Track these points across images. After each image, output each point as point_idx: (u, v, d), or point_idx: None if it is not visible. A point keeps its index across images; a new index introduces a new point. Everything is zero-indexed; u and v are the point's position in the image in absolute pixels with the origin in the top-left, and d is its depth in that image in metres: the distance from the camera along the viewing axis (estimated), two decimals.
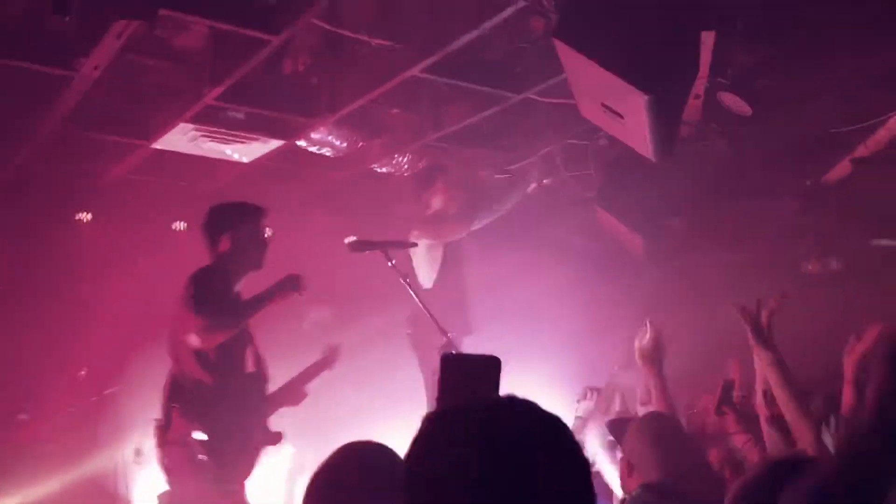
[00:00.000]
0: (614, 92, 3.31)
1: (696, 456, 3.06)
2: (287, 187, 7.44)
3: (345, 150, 6.04)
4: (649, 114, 3.22)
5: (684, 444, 2.99)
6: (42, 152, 6.02)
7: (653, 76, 3.06)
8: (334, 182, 7.05)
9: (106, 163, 6.41)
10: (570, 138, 6.01)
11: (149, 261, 7.09)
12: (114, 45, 4.07)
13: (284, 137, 5.72)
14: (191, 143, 5.66)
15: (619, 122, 3.62)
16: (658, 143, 3.64)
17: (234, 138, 5.63)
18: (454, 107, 5.60)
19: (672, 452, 2.84)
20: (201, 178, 7.05)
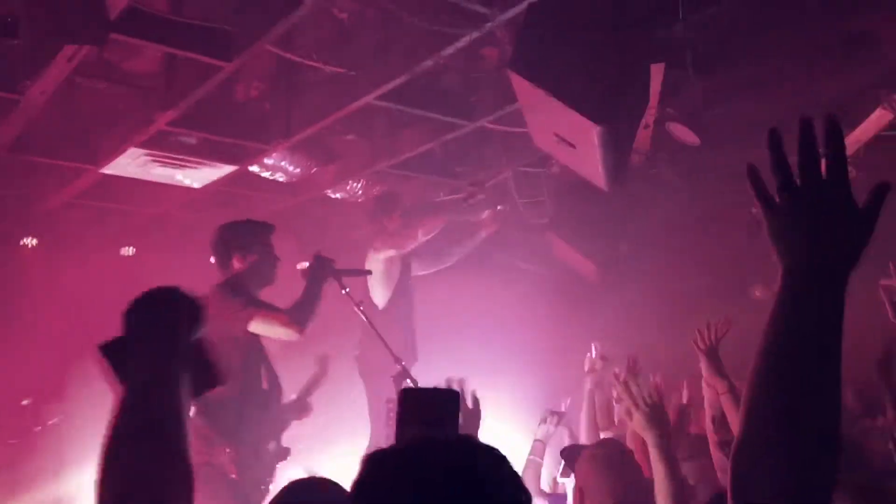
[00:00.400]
0: (567, 122, 3.35)
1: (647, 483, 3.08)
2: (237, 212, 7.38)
3: (298, 175, 6.01)
4: (601, 144, 3.27)
5: (635, 470, 3.01)
6: None
7: (605, 108, 3.11)
8: (286, 207, 7.00)
9: (52, 187, 6.28)
10: (523, 165, 6.07)
11: (95, 287, 6.96)
12: (64, 69, 4.00)
13: (237, 163, 5.67)
14: (140, 168, 5.57)
15: (572, 151, 3.67)
16: (609, 173, 3.69)
17: (186, 163, 5.56)
18: (409, 133, 5.61)
19: (623, 479, 2.86)
20: (149, 203, 6.94)
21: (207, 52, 4.04)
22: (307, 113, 5.13)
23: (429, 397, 1.65)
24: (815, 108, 4.71)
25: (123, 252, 7.48)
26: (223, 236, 4.34)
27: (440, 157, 6.14)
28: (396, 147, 5.68)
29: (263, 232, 4.36)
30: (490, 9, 3.69)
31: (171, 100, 4.65)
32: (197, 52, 4.05)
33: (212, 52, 4.05)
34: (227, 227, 4.38)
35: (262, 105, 5.40)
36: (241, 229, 4.36)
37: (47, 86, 4.21)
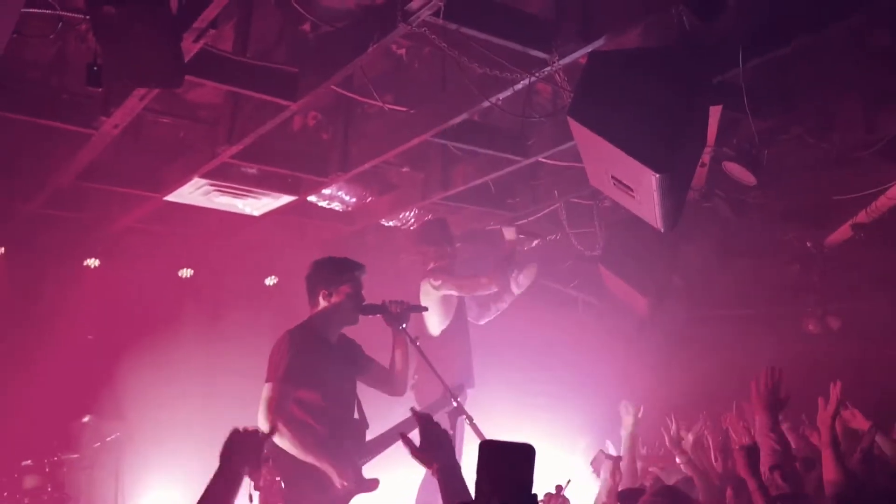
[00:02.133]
0: (624, 168, 3.40)
1: None
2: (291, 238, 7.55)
3: (354, 204, 6.14)
4: (659, 190, 3.31)
5: None
6: (55, 200, 6.11)
7: (664, 156, 3.15)
8: (341, 234, 7.14)
9: (117, 212, 6.50)
10: (574, 197, 6.11)
11: (153, 306, 7.16)
12: (136, 106, 4.18)
13: (296, 193, 5.81)
14: (203, 196, 5.75)
15: (629, 193, 3.71)
16: (666, 215, 3.72)
17: (247, 193, 5.72)
18: (462, 167, 5.70)
19: None
20: (208, 229, 7.14)
21: (273, 92, 4.17)
22: (364, 146, 5.25)
23: (506, 450, 1.70)
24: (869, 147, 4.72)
25: (181, 274, 7.67)
26: (313, 274, 4.40)
27: (492, 188, 6.21)
28: (450, 180, 5.77)
29: (353, 270, 4.41)
30: (549, 54, 3.76)
31: (235, 134, 4.80)
32: (264, 93, 4.18)
33: (277, 91, 4.18)
34: (318, 264, 4.43)
35: (320, 135, 5.53)
36: (331, 266, 4.40)
37: (120, 121, 4.40)
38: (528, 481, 1.70)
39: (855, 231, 5.77)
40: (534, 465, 1.70)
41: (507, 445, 1.72)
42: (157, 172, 5.80)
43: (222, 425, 5.86)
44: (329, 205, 6.09)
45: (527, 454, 1.70)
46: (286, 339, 4.17)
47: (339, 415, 4.29)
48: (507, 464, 1.69)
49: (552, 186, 6.03)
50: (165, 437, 6.78)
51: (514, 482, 1.67)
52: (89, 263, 7.24)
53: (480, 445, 1.72)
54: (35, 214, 6.38)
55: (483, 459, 1.69)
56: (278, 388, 3.99)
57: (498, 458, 1.69)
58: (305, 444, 3.97)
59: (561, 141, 4.80)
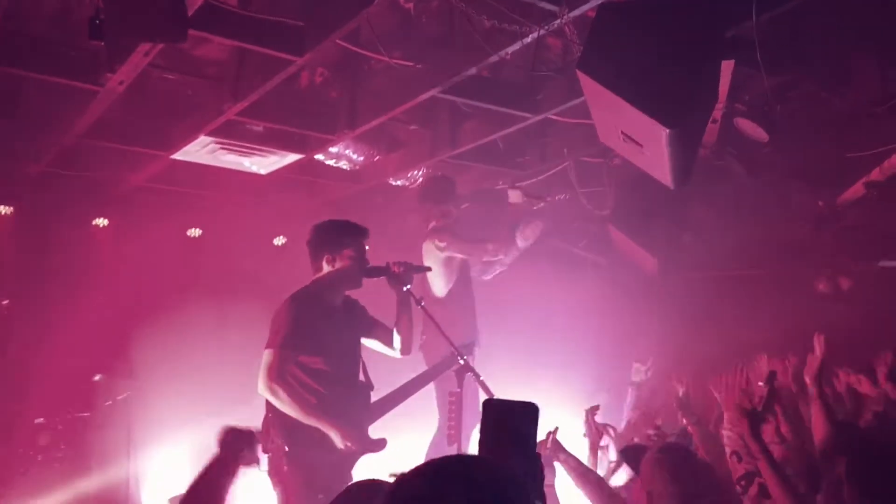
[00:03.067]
0: (635, 123, 3.35)
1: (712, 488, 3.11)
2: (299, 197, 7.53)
3: (361, 163, 6.10)
4: (670, 145, 3.26)
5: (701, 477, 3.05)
6: (63, 159, 6.10)
7: (675, 111, 3.10)
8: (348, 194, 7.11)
9: (125, 171, 6.48)
10: (584, 156, 6.06)
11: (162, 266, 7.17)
12: (140, 62, 4.13)
13: (303, 151, 5.77)
14: (210, 154, 5.72)
15: (638, 149, 3.66)
16: (676, 172, 3.68)
17: (254, 151, 5.69)
18: (471, 125, 5.64)
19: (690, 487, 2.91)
20: (215, 188, 7.13)
21: (279, 47, 4.12)
22: (371, 103, 5.19)
23: (509, 409, 1.70)
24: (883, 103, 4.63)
25: (190, 233, 7.67)
26: (316, 237, 4.39)
27: (500, 146, 6.15)
28: (458, 138, 5.71)
29: (356, 234, 4.38)
30: (558, 6, 3.69)
31: (241, 91, 4.75)
32: (269, 47, 4.13)
33: (283, 46, 4.12)
34: (320, 228, 4.41)
35: (328, 92, 5.47)
36: (333, 231, 4.38)
37: (125, 77, 4.36)
38: (533, 439, 1.69)
39: (868, 189, 5.69)
40: (537, 424, 1.70)
41: (511, 404, 1.72)
42: (164, 130, 5.77)
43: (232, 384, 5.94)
44: (336, 163, 6.05)
45: (531, 412, 1.70)
46: (287, 305, 4.18)
47: (343, 377, 4.30)
48: (512, 422, 1.68)
49: (562, 144, 5.97)
50: (176, 395, 6.83)
51: (519, 440, 1.67)
52: (98, 223, 7.24)
53: (484, 404, 1.71)
54: (42, 174, 6.37)
55: (487, 418, 1.68)
56: (278, 353, 4.00)
57: (502, 417, 1.69)
58: (306, 407, 4.00)
59: (571, 97, 4.74)
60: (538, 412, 1.68)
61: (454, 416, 3.91)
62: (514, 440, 1.66)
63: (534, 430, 1.68)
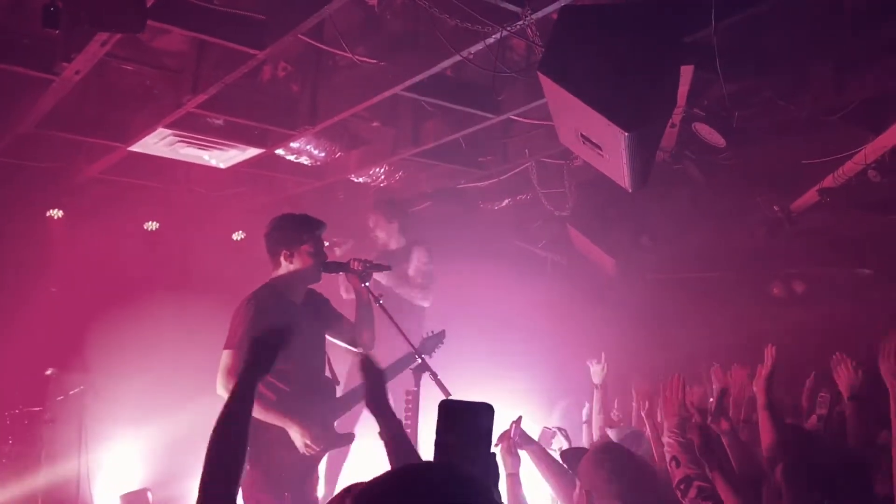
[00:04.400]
0: (594, 125, 3.38)
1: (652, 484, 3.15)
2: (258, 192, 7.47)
3: (323, 159, 6.07)
4: (628, 149, 3.30)
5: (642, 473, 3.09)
6: (17, 149, 5.97)
7: (633, 114, 3.13)
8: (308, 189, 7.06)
9: (81, 162, 6.37)
10: (545, 157, 6.10)
11: (118, 259, 7.07)
12: (97, 52, 4.05)
13: (263, 146, 5.72)
14: (168, 147, 5.64)
15: (597, 152, 3.70)
16: (634, 175, 3.72)
17: (213, 145, 5.62)
18: (433, 123, 5.64)
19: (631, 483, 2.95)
20: (173, 181, 7.04)
21: (240, 40, 4.08)
22: (333, 99, 5.16)
23: (466, 409, 1.71)
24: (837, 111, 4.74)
25: (147, 227, 7.56)
26: (272, 233, 4.32)
27: (463, 146, 6.16)
28: (420, 136, 5.71)
29: (313, 228, 4.32)
30: (521, 7, 3.70)
31: (200, 84, 4.69)
32: (230, 40, 4.08)
33: (244, 39, 4.08)
34: (277, 222, 4.33)
35: (289, 87, 5.43)
36: (290, 225, 4.31)
37: (81, 67, 4.28)
38: (488, 439, 1.71)
39: (822, 196, 5.82)
40: (493, 424, 1.71)
41: (466, 404, 1.73)
42: (121, 122, 5.66)
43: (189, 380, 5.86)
44: (297, 159, 6.01)
45: (485, 412, 1.71)
46: (245, 305, 4.13)
47: (306, 374, 4.26)
48: (467, 422, 1.69)
49: (523, 145, 6.00)
50: (131, 391, 6.74)
51: (475, 440, 1.68)
52: (53, 214, 7.10)
53: (440, 405, 1.72)
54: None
55: (442, 418, 1.69)
56: (236, 354, 3.94)
57: (457, 417, 1.70)
58: (266, 405, 3.94)
59: (533, 98, 4.76)
60: (493, 412, 1.69)
61: (410, 416, 3.91)
62: (470, 440, 1.67)
63: (489, 430, 1.70)
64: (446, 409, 1.71)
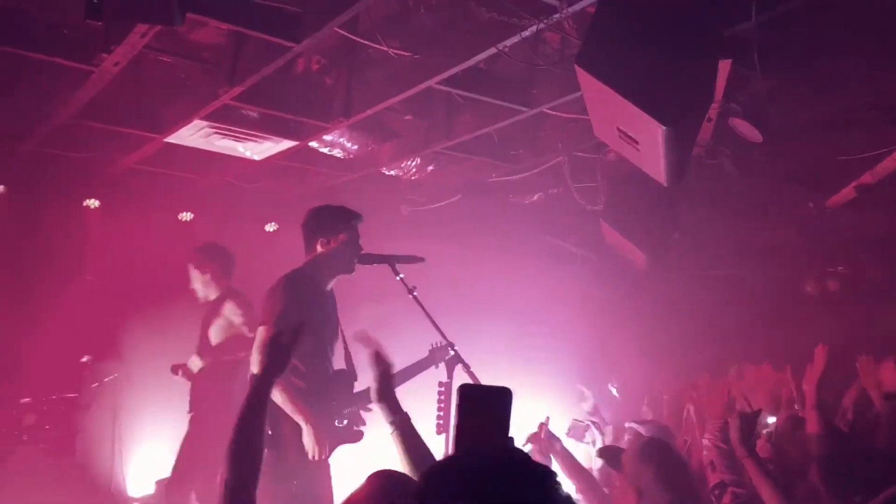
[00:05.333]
0: (631, 119, 3.36)
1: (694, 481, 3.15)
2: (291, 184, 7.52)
3: (356, 152, 6.10)
4: (665, 143, 3.28)
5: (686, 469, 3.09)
6: (55, 139, 6.07)
7: (672, 109, 3.11)
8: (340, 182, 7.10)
9: (117, 153, 6.45)
10: (578, 150, 6.07)
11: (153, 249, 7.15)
12: (137, 43, 4.11)
13: (297, 138, 5.76)
14: (204, 139, 5.70)
15: (633, 146, 3.68)
16: (671, 170, 3.69)
17: (248, 137, 5.67)
18: (466, 116, 5.64)
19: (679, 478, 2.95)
20: (208, 172, 7.11)
21: (277, 33, 4.11)
22: (367, 92, 5.18)
23: (485, 394, 1.74)
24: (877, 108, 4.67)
25: (181, 217, 7.66)
26: (310, 221, 4.37)
27: (495, 139, 6.15)
28: (453, 129, 5.71)
29: (351, 219, 4.37)
30: (558, 0, 3.69)
31: (237, 76, 4.73)
32: (267, 33, 4.11)
33: (281, 32, 4.11)
34: (315, 213, 4.40)
35: (323, 79, 5.46)
36: (328, 215, 4.37)
37: (120, 58, 4.34)
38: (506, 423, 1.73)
39: (859, 192, 5.75)
40: (511, 408, 1.74)
41: (485, 388, 1.76)
42: (158, 113, 5.73)
43: None
44: (330, 151, 6.04)
45: (504, 397, 1.73)
46: (281, 283, 4.17)
47: (329, 362, 4.30)
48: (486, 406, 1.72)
49: (556, 139, 5.98)
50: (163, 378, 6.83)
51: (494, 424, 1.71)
52: (89, 204, 7.21)
53: (459, 389, 1.75)
54: (35, 153, 6.34)
55: (462, 403, 1.72)
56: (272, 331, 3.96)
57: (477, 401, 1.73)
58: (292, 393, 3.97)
59: (567, 92, 4.75)
60: (511, 397, 1.72)
61: (444, 407, 3.92)
62: (490, 424, 1.69)
63: (508, 415, 1.72)
64: (466, 393, 1.73)
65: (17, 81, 5.54)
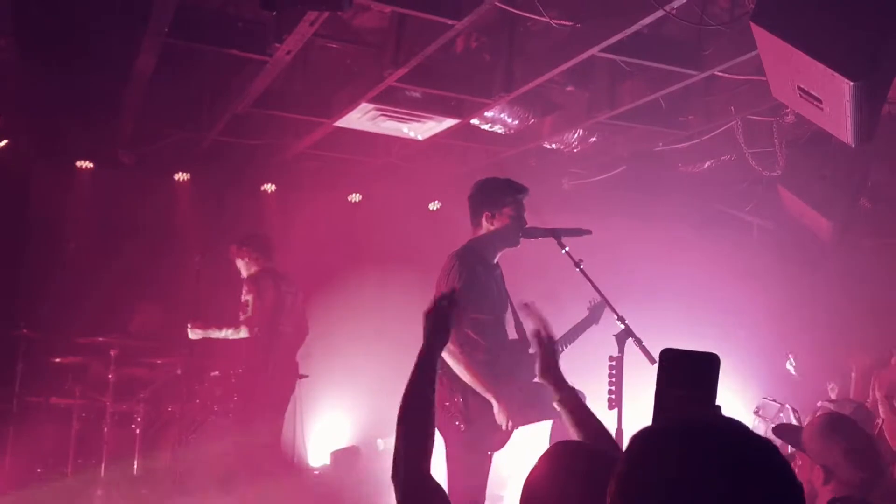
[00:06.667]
0: (814, 77, 3.13)
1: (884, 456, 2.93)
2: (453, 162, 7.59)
3: (516, 127, 6.07)
4: (853, 100, 3.03)
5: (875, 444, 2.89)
6: (234, 128, 6.44)
7: (860, 63, 2.86)
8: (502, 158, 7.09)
9: (290, 139, 6.76)
10: (752, 114, 5.74)
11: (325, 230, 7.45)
12: (306, 31, 4.26)
13: (459, 116, 5.81)
14: (370, 121, 5.86)
15: (816, 105, 3.43)
16: (858, 129, 3.42)
17: (412, 117, 5.78)
18: (630, 84, 5.47)
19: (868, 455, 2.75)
20: (374, 154, 7.31)
21: (438, 11, 4.13)
22: (528, 65, 5.13)
23: (689, 360, 1.62)
24: None
25: (351, 199, 7.94)
26: (476, 194, 4.39)
27: (661, 106, 5.93)
28: (617, 98, 5.55)
29: (516, 193, 4.37)
30: None
31: (400, 57, 4.81)
32: (428, 12, 4.15)
33: (442, 11, 4.13)
34: (481, 186, 4.40)
35: (483, 56, 5.45)
36: (494, 188, 4.36)
37: (292, 47, 4.52)
38: (714, 393, 1.61)
39: None
40: (717, 376, 1.61)
41: (691, 354, 1.64)
42: (326, 99, 5.96)
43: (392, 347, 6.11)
44: (491, 128, 6.04)
45: (712, 363, 1.61)
46: (454, 261, 4.20)
47: (504, 335, 4.32)
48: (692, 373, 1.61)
49: (728, 103, 5.68)
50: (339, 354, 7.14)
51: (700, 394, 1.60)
52: (266, 188, 7.62)
53: (662, 354, 1.64)
54: (215, 141, 6.75)
55: (664, 369, 1.61)
56: None
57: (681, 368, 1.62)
58: (474, 366, 4.02)
59: (739, 53, 4.49)
60: (719, 363, 1.60)
61: (615, 381, 3.84)
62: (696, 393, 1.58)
63: (715, 383, 1.60)
64: (670, 359, 1.62)
65: (196, 74, 5.92)
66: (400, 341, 6.25)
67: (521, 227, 4.28)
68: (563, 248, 4.26)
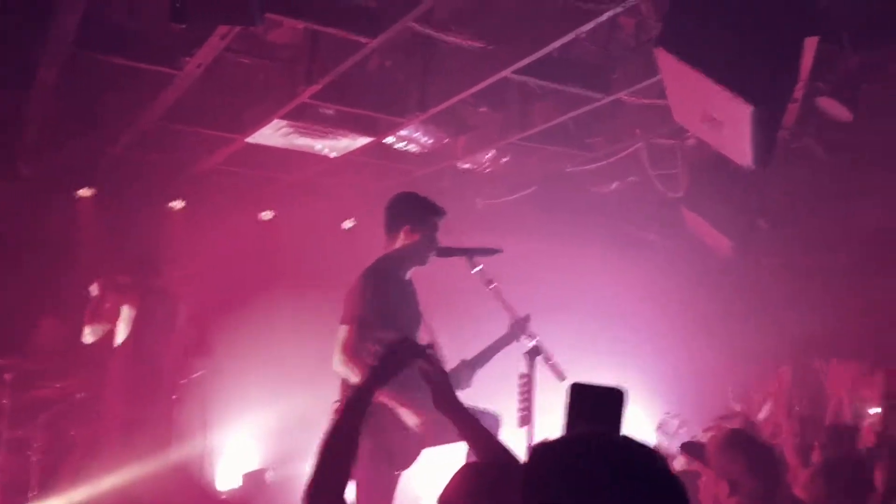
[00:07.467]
0: (715, 101, 3.27)
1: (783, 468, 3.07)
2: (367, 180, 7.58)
3: (430, 146, 6.12)
4: (753, 124, 3.17)
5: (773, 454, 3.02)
6: (141, 142, 6.26)
7: (759, 87, 3.01)
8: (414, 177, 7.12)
9: (200, 154, 6.62)
10: (657, 137, 5.95)
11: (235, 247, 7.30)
12: (217, 45, 4.21)
13: (373, 135, 5.81)
14: (283, 138, 5.80)
15: (717, 129, 3.58)
16: (757, 152, 3.57)
17: (326, 134, 5.75)
18: (541, 106, 5.59)
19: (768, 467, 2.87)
20: (287, 171, 7.23)
21: (353, 29, 4.14)
22: (442, 85, 5.18)
23: (597, 394, 1.66)
24: None
25: (262, 216, 7.82)
26: (398, 205, 4.37)
27: (570, 128, 6.08)
28: (528, 120, 5.66)
29: (436, 214, 4.38)
30: None
31: (314, 74, 4.79)
32: (343, 29, 4.15)
33: (357, 28, 4.14)
34: (404, 198, 4.39)
35: (397, 75, 5.48)
36: (416, 204, 4.37)
37: (202, 60, 4.45)
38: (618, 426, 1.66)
39: None
40: (624, 410, 1.67)
41: (599, 389, 1.68)
42: (238, 114, 5.86)
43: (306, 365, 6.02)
44: (406, 146, 6.08)
45: (619, 398, 1.66)
46: (362, 280, 4.17)
47: None
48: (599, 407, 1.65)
49: (633, 125, 5.87)
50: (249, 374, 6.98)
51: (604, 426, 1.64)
52: (174, 205, 7.43)
53: (572, 388, 1.68)
54: (122, 156, 6.55)
55: (573, 402, 1.65)
56: (355, 329, 3.98)
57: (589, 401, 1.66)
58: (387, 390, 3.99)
59: (644, 77, 4.65)
60: (625, 397, 1.65)
61: (525, 399, 3.88)
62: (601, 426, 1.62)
63: (621, 417, 1.65)
64: (577, 392, 1.66)
65: (104, 87, 5.74)
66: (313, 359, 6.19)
67: (434, 247, 4.30)
68: (475, 268, 4.29)
